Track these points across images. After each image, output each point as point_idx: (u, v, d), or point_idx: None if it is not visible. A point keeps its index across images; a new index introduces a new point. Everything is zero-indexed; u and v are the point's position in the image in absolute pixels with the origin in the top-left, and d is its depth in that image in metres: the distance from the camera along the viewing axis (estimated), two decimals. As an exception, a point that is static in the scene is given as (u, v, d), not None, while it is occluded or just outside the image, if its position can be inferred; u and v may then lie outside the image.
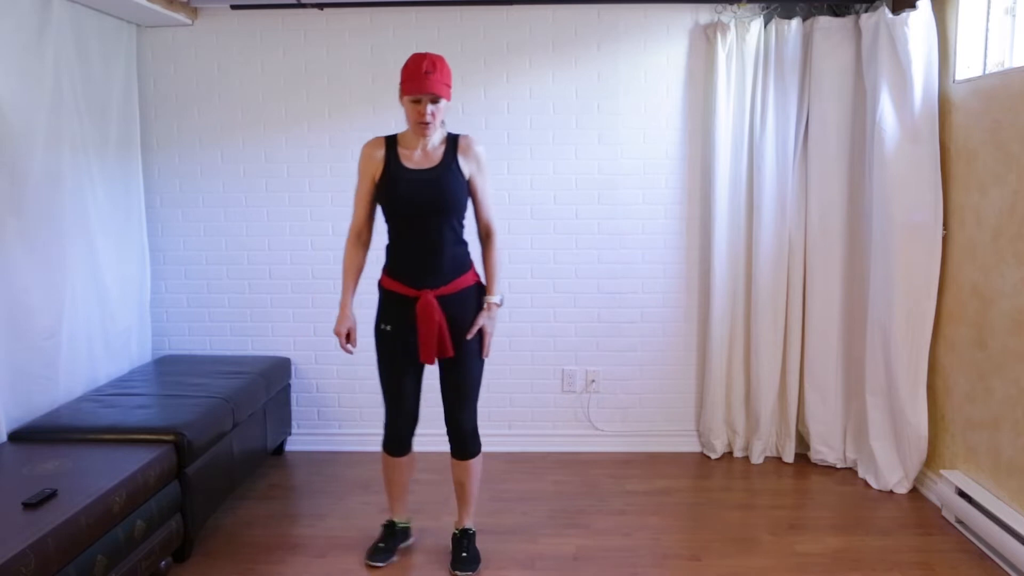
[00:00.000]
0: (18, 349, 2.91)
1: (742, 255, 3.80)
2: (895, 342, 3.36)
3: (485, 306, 2.69)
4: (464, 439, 2.79)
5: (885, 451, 3.50)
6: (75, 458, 2.58)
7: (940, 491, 3.24)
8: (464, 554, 2.82)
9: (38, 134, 3.03)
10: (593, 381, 3.98)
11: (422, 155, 2.59)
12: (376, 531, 3.06)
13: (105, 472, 2.46)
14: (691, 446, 4.00)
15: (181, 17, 3.66)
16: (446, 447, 3.95)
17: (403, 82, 2.50)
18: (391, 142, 2.63)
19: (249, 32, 3.81)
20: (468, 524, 2.90)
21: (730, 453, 3.94)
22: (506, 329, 3.93)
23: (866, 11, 3.52)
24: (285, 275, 3.95)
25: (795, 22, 3.60)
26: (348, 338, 2.74)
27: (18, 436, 2.82)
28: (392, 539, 2.92)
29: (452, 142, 2.62)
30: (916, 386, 3.36)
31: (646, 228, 3.89)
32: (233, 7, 3.75)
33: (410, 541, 2.99)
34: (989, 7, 3.10)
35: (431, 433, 4.07)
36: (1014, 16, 3.04)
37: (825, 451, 3.77)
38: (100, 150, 3.47)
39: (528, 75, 3.81)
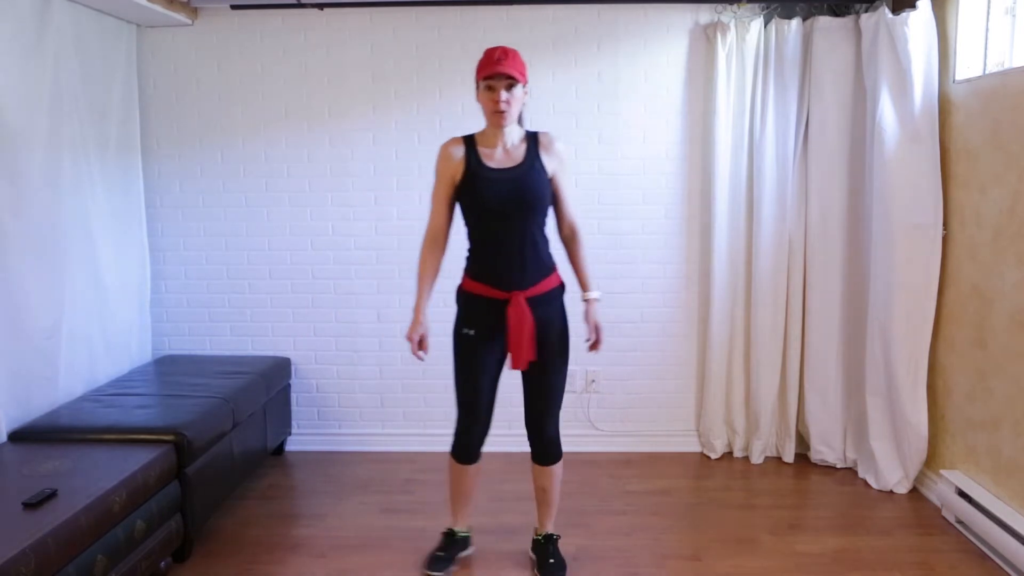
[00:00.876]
0: (18, 349, 2.91)
1: (742, 255, 3.80)
2: (895, 342, 3.36)
3: (587, 302, 2.66)
4: (548, 445, 2.71)
5: (885, 451, 3.50)
6: (75, 458, 2.59)
7: (940, 491, 3.24)
8: (551, 560, 2.76)
9: (38, 134, 3.03)
10: (593, 381, 3.98)
11: (504, 154, 2.51)
12: (378, 530, 3.07)
13: (105, 472, 2.46)
14: (691, 446, 4.00)
15: (181, 17, 3.66)
16: (446, 447, 3.96)
17: (477, 71, 2.45)
18: (469, 141, 2.55)
19: (249, 32, 3.81)
20: (550, 529, 2.84)
21: (730, 453, 3.94)
22: (506, 329, 3.93)
23: (866, 11, 3.52)
24: (285, 275, 3.95)
25: (795, 22, 3.60)
26: (420, 344, 2.61)
27: (18, 436, 2.82)
28: (452, 547, 2.83)
29: (532, 139, 2.55)
30: (916, 386, 3.36)
31: (646, 228, 3.89)
32: (233, 7, 3.74)
33: (470, 551, 2.90)
34: (989, 7, 3.10)
35: (430, 433, 4.08)
36: (1014, 16, 3.04)
37: (825, 451, 3.77)
38: (100, 150, 3.48)
39: (528, 75, 3.80)
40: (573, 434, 4.00)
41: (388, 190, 3.89)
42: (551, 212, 2.63)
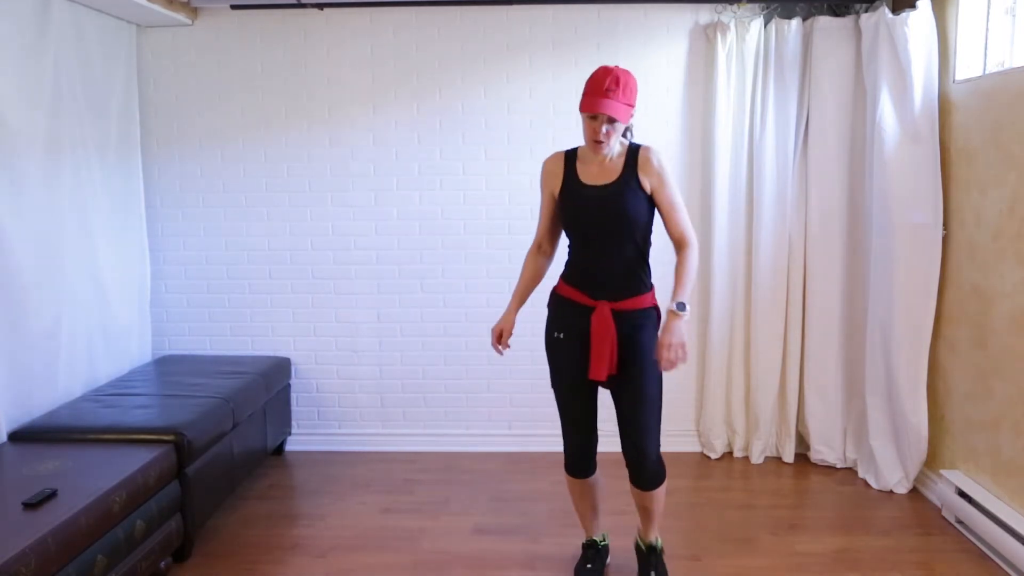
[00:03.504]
0: (18, 349, 2.91)
1: (742, 255, 3.80)
2: (895, 342, 3.36)
3: (667, 312, 2.39)
4: (645, 469, 2.54)
5: (885, 451, 3.50)
6: (75, 458, 2.59)
7: (940, 491, 3.23)
8: (653, 573, 2.70)
9: (38, 134, 3.03)
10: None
11: (599, 169, 2.46)
12: (378, 530, 3.07)
13: (105, 472, 2.46)
14: (691, 446, 4.00)
15: (181, 17, 3.66)
16: (446, 447, 3.98)
17: (583, 95, 2.38)
18: (570, 156, 2.54)
19: (249, 32, 3.80)
20: (653, 538, 2.74)
21: (730, 453, 3.94)
22: (506, 329, 3.93)
23: (866, 11, 3.52)
24: (285, 275, 3.95)
25: (795, 22, 3.60)
26: (500, 339, 2.61)
27: (18, 436, 2.82)
28: (598, 559, 2.75)
29: (632, 155, 2.46)
30: (916, 386, 3.36)
31: (646, 228, 3.89)
32: (233, 7, 3.74)
33: (608, 560, 2.84)
34: (989, 7, 3.10)
35: (430, 433, 4.08)
36: (1014, 16, 3.04)
37: (825, 451, 3.77)
38: (100, 150, 3.47)
39: (528, 75, 3.81)
40: (573, 434, 4.00)
41: (388, 190, 3.89)
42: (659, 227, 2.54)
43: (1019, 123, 2.80)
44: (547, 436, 3.97)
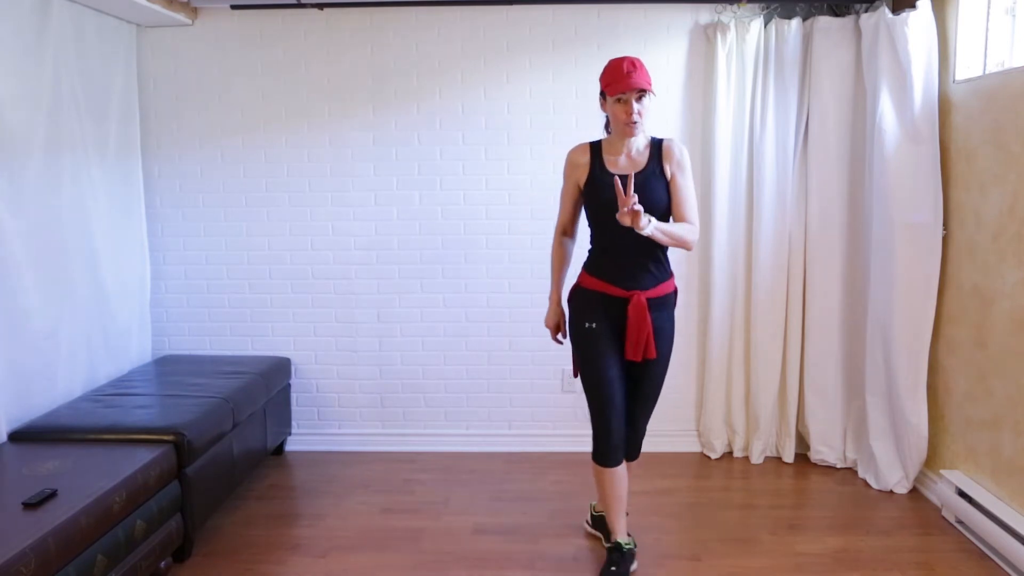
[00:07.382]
0: (18, 349, 2.91)
1: (742, 255, 3.80)
2: (895, 342, 3.36)
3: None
4: (638, 444, 2.83)
5: (885, 451, 3.50)
6: (75, 458, 2.59)
7: (940, 491, 3.24)
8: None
9: (38, 134, 3.03)
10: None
11: (627, 160, 2.58)
12: (378, 530, 3.06)
13: (105, 472, 2.46)
14: (691, 446, 4.00)
15: (181, 17, 3.66)
16: (446, 447, 3.98)
17: (606, 85, 2.49)
18: (596, 148, 2.63)
19: (249, 32, 3.81)
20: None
21: (730, 453, 3.94)
22: (506, 329, 3.94)
23: (866, 11, 3.52)
24: (285, 275, 3.95)
25: (795, 22, 3.60)
26: (558, 330, 2.79)
27: (18, 436, 2.82)
28: (623, 563, 2.70)
29: (656, 146, 2.60)
30: (916, 386, 3.36)
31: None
32: (233, 7, 3.75)
33: (635, 566, 2.77)
34: (989, 7, 3.10)
35: (430, 433, 4.08)
36: (1014, 16, 3.04)
37: (825, 451, 3.77)
38: (100, 150, 3.47)
39: (528, 75, 3.81)
40: (573, 434, 4.00)
41: (388, 190, 3.89)
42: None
43: (1019, 123, 2.80)
44: (547, 436, 3.99)
